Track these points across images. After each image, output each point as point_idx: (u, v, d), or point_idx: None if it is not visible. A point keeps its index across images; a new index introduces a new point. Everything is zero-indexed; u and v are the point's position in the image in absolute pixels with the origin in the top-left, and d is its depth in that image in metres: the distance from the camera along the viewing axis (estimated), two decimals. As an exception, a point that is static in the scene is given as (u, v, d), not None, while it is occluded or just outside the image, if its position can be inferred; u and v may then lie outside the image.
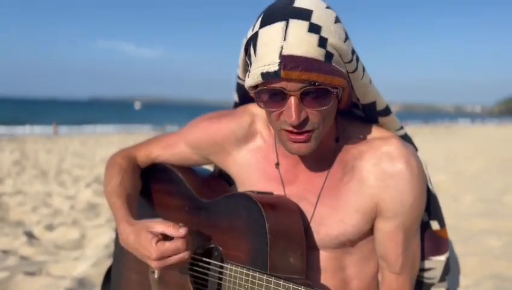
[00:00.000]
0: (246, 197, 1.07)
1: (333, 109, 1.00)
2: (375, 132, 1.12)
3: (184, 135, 1.30)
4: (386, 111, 1.13)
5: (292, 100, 0.91)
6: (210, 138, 1.24)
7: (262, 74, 0.90)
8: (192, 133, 1.28)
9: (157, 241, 1.06)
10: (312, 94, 0.92)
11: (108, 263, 2.97)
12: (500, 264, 3.01)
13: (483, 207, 4.95)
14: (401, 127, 1.18)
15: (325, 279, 1.13)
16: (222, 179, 1.41)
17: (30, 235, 3.76)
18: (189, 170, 1.38)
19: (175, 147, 1.32)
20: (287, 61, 0.87)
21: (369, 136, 1.11)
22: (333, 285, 1.13)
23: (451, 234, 3.65)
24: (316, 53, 0.89)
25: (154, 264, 1.07)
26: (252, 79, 0.94)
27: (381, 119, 1.15)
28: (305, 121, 0.94)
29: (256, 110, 1.22)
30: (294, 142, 0.98)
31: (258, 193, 1.10)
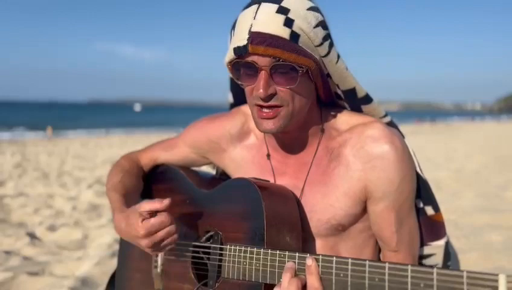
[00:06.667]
0: (242, 180, 1.13)
1: (303, 90, 1.06)
2: (359, 119, 1.17)
3: (183, 136, 1.41)
4: (367, 99, 1.19)
5: (262, 74, 1.01)
6: (206, 136, 1.35)
7: (234, 49, 1.02)
8: (190, 134, 1.40)
9: (143, 219, 1.10)
10: (280, 70, 1.01)
11: (111, 262, 2.98)
12: (501, 259, 3.02)
13: (484, 203, 4.96)
14: (386, 115, 1.23)
15: None
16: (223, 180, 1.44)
17: (32, 236, 3.77)
18: (190, 169, 1.46)
19: (175, 147, 1.43)
20: (254, 37, 0.99)
21: (352, 124, 1.16)
22: None
23: (453, 230, 3.66)
24: (282, 31, 0.98)
25: (143, 242, 1.11)
26: (227, 56, 1.06)
27: (365, 108, 1.20)
28: (273, 95, 1.03)
29: (248, 111, 1.27)
30: (263, 118, 1.06)
31: (255, 178, 1.14)
